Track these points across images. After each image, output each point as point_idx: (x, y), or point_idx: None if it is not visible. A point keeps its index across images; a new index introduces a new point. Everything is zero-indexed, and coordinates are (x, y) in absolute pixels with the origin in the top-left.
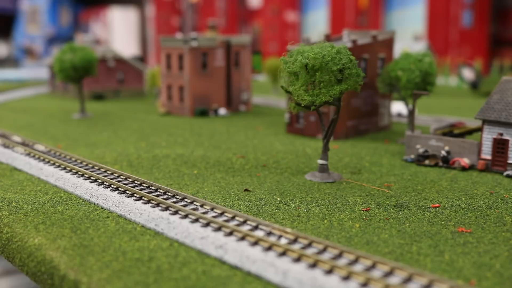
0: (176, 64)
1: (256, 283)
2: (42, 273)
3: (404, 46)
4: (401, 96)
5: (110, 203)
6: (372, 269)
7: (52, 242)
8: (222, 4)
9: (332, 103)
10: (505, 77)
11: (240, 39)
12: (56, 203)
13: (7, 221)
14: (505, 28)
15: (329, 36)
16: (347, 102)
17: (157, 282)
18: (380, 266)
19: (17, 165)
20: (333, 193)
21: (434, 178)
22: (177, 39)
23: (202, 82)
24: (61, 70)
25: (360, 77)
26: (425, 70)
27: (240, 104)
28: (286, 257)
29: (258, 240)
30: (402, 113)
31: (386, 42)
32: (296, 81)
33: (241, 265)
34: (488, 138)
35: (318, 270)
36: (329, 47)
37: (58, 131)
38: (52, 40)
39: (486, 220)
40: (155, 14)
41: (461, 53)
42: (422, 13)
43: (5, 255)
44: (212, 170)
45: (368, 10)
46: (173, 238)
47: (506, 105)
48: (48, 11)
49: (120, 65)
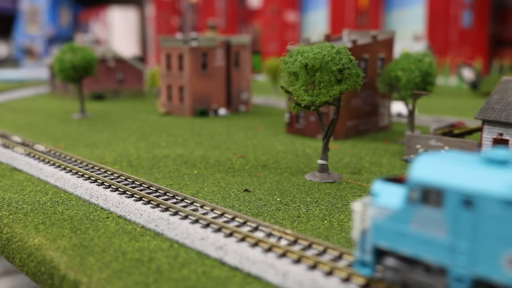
0: (176, 64)
1: (256, 284)
2: (42, 273)
3: (404, 46)
4: (401, 96)
5: (110, 203)
6: None
7: (52, 242)
8: (222, 4)
9: (332, 103)
10: (505, 77)
11: (240, 39)
12: (56, 204)
13: (7, 221)
14: (505, 28)
15: (329, 36)
16: (347, 102)
17: (157, 283)
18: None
19: (17, 165)
20: (333, 193)
21: None
22: (177, 39)
23: (202, 82)
24: (61, 70)
25: (360, 77)
26: (425, 70)
27: (240, 104)
28: (286, 259)
29: (258, 241)
30: (402, 113)
31: (386, 42)
32: (296, 81)
33: (241, 266)
34: (488, 138)
35: (318, 271)
36: (329, 47)
37: (58, 131)
38: (52, 40)
39: None
40: (155, 14)
41: (461, 53)
42: (422, 13)
43: (5, 255)
44: (212, 170)
45: (368, 10)
46: (173, 239)
47: (506, 105)
48: (48, 11)
49: (120, 65)
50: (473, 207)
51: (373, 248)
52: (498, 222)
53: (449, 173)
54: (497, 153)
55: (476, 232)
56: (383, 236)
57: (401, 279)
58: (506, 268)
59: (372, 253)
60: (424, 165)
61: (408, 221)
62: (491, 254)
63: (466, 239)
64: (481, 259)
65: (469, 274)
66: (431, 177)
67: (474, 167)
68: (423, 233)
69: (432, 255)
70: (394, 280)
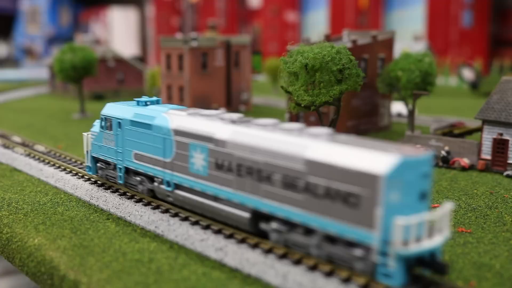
0: (176, 64)
1: (256, 285)
2: (42, 273)
3: (404, 46)
4: (401, 96)
5: (110, 205)
6: None
7: (52, 242)
8: (222, 4)
9: (332, 103)
10: (505, 77)
11: (240, 39)
12: (56, 204)
13: (7, 221)
14: (505, 28)
15: (329, 36)
16: (347, 102)
17: (157, 283)
18: None
19: (17, 165)
20: None
21: (434, 178)
22: (177, 39)
23: (202, 82)
24: (61, 70)
25: (360, 77)
26: (425, 70)
27: (240, 104)
28: (286, 260)
29: (258, 243)
30: (402, 113)
31: (386, 42)
32: (296, 81)
33: (241, 267)
34: (488, 138)
35: (318, 272)
36: (329, 47)
37: (58, 131)
38: (52, 40)
39: (486, 220)
40: (155, 14)
41: (461, 53)
42: (422, 13)
43: (5, 255)
44: None
45: (368, 10)
46: (173, 240)
47: (506, 105)
48: (48, 11)
49: (120, 65)
50: (121, 127)
51: (91, 157)
52: (130, 135)
53: (116, 110)
54: (142, 99)
55: (124, 142)
56: (94, 149)
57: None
58: (134, 160)
59: (91, 161)
60: (107, 107)
61: (101, 139)
62: (128, 153)
63: (120, 146)
64: (126, 156)
65: (123, 164)
66: (108, 113)
67: (128, 107)
68: (107, 146)
69: (112, 157)
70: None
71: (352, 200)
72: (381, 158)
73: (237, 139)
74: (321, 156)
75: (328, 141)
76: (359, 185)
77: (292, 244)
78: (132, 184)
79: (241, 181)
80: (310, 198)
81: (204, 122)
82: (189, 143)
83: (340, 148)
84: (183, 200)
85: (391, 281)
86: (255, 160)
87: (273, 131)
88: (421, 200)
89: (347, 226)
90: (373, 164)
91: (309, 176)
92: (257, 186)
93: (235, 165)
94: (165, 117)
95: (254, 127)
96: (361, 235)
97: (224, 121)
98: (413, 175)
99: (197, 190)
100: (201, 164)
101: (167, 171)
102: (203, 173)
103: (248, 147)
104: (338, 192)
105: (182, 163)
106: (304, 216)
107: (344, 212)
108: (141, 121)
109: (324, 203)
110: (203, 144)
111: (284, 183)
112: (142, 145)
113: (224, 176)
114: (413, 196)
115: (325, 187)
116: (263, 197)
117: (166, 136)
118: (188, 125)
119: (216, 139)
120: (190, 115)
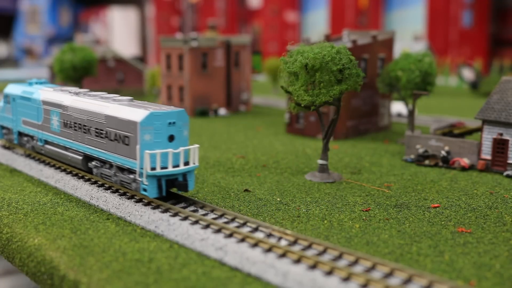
0: (176, 64)
1: (256, 285)
2: (42, 273)
3: (404, 46)
4: (401, 96)
5: (110, 205)
6: (372, 270)
7: (52, 242)
8: (222, 4)
9: (332, 103)
10: (505, 77)
11: (240, 39)
12: (56, 204)
13: (7, 221)
14: (505, 28)
15: (329, 36)
16: (347, 102)
17: (157, 283)
18: (380, 267)
19: (17, 166)
20: (333, 193)
21: (434, 178)
22: (177, 39)
23: (202, 82)
24: (61, 70)
25: (360, 77)
26: (425, 70)
27: (240, 104)
28: (286, 259)
29: (258, 242)
30: (402, 113)
31: (386, 42)
32: (296, 81)
33: (241, 266)
34: (488, 138)
35: (318, 271)
36: (329, 47)
37: None
38: (52, 40)
39: (486, 220)
40: (155, 14)
41: (461, 53)
42: (422, 13)
43: (5, 255)
44: (212, 170)
45: (368, 10)
46: (173, 240)
47: (506, 105)
48: (48, 11)
49: (120, 65)
50: (15, 101)
51: (0, 126)
52: (19, 107)
53: (13, 89)
54: (32, 80)
55: (16, 112)
56: (1, 119)
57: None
58: (22, 125)
59: (0, 129)
60: (8, 87)
61: (4, 111)
62: (19, 120)
63: (14, 115)
64: (18, 123)
65: (17, 129)
66: (8, 91)
67: (21, 86)
68: (8, 116)
69: (10, 125)
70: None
71: (126, 141)
72: (140, 112)
73: (73, 105)
74: (112, 113)
75: (121, 104)
76: (129, 130)
77: (103, 175)
78: (22, 143)
79: (76, 134)
80: (108, 142)
81: (58, 95)
82: (50, 109)
83: (123, 108)
84: (50, 152)
85: (148, 194)
86: (82, 118)
87: (95, 99)
88: (169, 141)
89: (126, 159)
90: (135, 116)
91: (107, 127)
92: (84, 137)
93: (73, 123)
94: (39, 92)
95: (86, 97)
96: (132, 164)
97: (70, 93)
98: (160, 123)
99: (55, 143)
100: (57, 124)
101: (40, 131)
102: (58, 130)
103: (78, 109)
104: (120, 136)
105: (47, 124)
106: (106, 154)
107: (124, 150)
108: (25, 96)
109: (115, 144)
110: (57, 110)
111: (96, 133)
112: (26, 113)
113: (68, 132)
114: (162, 138)
115: (114, 133)
116: (87, 144)
117: (38, 106)
118: (50, 97)
119: (63, 106)
120: (54, 91)
